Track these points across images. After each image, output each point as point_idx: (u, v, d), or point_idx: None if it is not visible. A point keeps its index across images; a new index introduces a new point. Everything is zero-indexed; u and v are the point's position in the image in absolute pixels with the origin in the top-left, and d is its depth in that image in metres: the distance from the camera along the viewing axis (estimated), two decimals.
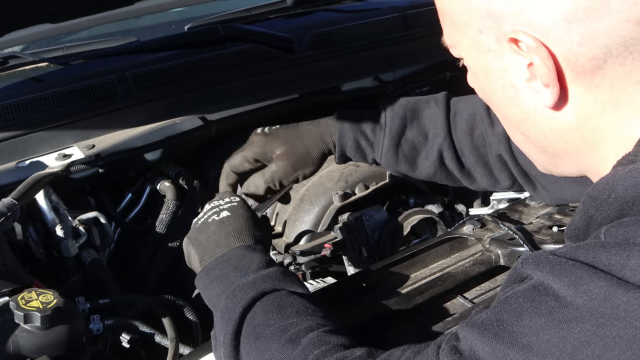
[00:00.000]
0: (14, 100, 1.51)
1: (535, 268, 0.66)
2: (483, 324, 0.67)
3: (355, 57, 1.91)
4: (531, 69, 0.72)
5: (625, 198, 0.66)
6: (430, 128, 1.21)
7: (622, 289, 0.58)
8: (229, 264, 1.02)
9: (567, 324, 0.60)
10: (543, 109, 0.73)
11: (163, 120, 1.55)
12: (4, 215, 1.22)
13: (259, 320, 0.92)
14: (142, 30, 2.35)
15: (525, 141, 0.82)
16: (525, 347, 0.62)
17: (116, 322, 1.27)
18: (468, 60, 0.82)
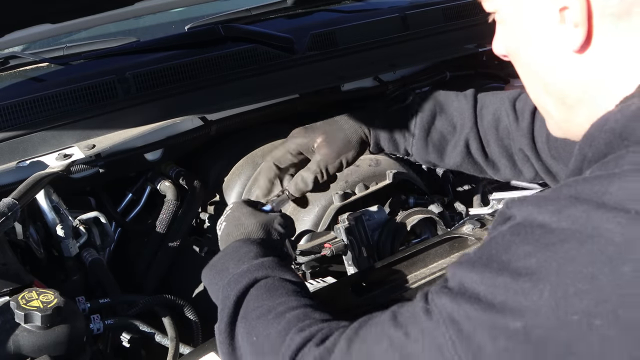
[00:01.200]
0: (14, 100, 1.51)
1: (520, 206, 0.69)
2: (470, 260, 0.70)
3: (355, 57, 1.92)
4: (564, 13, 0.76)
5: (614, 130, 0.70)
6: (458, 119, 1.26)
7: (603, 210, 0.62)
8: (228, 257, 1.07)
9: (553, 246, 0.64)
10: (569, 53, 0.78)
11: (163, 120, 1.55)
12: (4, 215, 1.22)
13: (251, 305, 0.96)
14: (142, 30, 2.36)
15: (545, 93, 0.86)
16: (514, 271, 0.65)
17: (116, 322, 1.27)
18: (503, 12, 0.86)
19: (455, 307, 0.68)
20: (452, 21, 2.08)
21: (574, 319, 0.61)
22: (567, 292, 0.62)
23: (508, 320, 0.64)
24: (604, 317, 0.60)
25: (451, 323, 0.68)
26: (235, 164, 1.70)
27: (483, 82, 2.10)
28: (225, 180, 1.69)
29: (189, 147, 1.74)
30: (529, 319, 0.63)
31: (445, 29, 2.06)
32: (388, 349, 0.73)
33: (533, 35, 0.82)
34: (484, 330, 0.66)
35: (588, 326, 0.61)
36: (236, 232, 1.13)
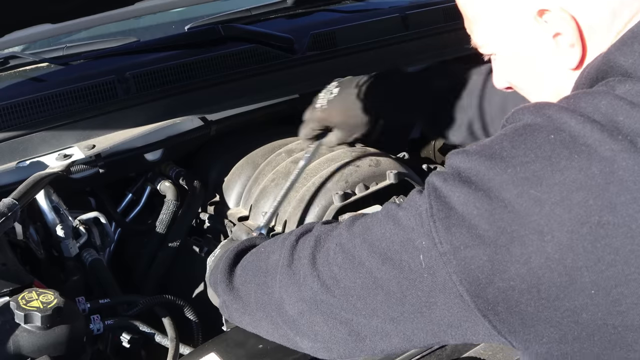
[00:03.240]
0: (14, 100, 1.51)
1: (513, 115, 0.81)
2: (462, 150, 0.81)
3: (355, 57, 1.92)
4: (557, 39, 0.85)
5: (591, 74, 0.81)
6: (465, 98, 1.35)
7: (570, 113, 0.75)
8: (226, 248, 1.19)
9: (525, 135, 0.76)
10: (568, 72, 0.87)
11: (163, 120, 1.56)
12: (4, 216, 1.22)
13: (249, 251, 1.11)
14: (142, 30, 2.36)
15: None
16: (490, 154, 0.77)
17: (116, 322, 1.27)
18: (499, 51, 0.94)
19: (440, 182, 0.79)
20: (452, 21, 2.08)
21: (530, 193, 0.72)
22: (527, 170, 0.73)
23: (477, 190, 0.75)
24: (552, 195, 0.71)
25: (434, 192, 0.79)
26: (235, 164, 1.70)
27: None
28: (225, 180, 1.69)
29: (189, 147, 1.74)
30: (493, 191, 0.74)
31: (445, 29, 2.06)
32: (382, 216, 0.86)
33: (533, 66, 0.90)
34: (456, 197, 0.76)
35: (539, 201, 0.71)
36: None
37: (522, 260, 0.72)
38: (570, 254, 0.70)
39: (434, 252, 0.77)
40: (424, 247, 0.78)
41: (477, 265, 0.74)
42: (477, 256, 0.74)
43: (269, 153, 1.68)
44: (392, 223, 0.82)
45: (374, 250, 0.83)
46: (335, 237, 0.91)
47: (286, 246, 0.98)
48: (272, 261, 1.00)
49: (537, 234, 0.71)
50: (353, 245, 0.86)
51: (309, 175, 1.53)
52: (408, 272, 0.79)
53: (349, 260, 0.86)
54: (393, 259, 0.81)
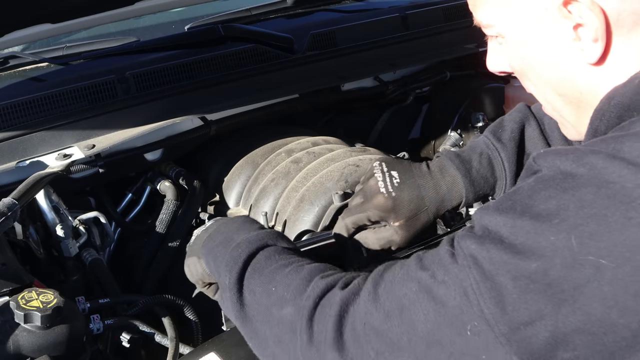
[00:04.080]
0: (14, 100, 1.51)
1: (545, 158, 0.74)
2: (495, 206, 0.74)
3: (355, 57, 1.92)
4: (578, 30, 0.80)
5: (622, 103, 0.76)
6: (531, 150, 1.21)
7: (618, 161, 0.67)
8: (230, 230, 1.05)
9: (572, 190, 0.68)
10: (584, 66, 0.82)
11: (163, 120, 1.55)
12: (4, 215, 1.22)
13: (262, 264, 0.96)
14: (142, 30, 2.36)
15: (561, 102, 0.89)
16: (535, 214, 0.69)
17: (116, 322, 1.27)
18: (509, 34, 0.88)
19: (479, 249, 0.71)
20: (452, 21, 2.08)
21: (588, 259, 0.65)
22: (583, 233, 0.66)
23: (528, 261, 0.68)
24: (614, 258, 0.64)
25: (475, 265, 0.71)
26: (235, 164, 1.70)
27: (483, 82, 2.10)
28: (225, 180, 1.69)
29: (189, 147, 1.74)
30: (547, 259, 0.67)
31: (445, 29, 2.06)
32: (416, 291, 0.75)
33: (546, 55, 0.85)
34: (505, 270, 0.69)
35: (599, 267, 0.64)
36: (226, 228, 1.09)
37: (586, 329, 0.66)
38: (637, 317, 0.65)
39: (490, 334, 0.69)
40: (477, 329, 0.70)
41: (539, 343, 0.68)
42: (538, 333, 0.68)
43: (269, 153, 1.68)
44: (434, 303, 0.73)
45: (416, 334, 0.74)
46: (363, 314, 0.80)
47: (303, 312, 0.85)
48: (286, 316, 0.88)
49: (600, 301, 0.65)
50: (389, 327, 0.77)
51: (309, 175, 1.53)
52: (460, 356, 0.72)
53: (387, 345, 0.77)
54: (442, 342, 0.73)
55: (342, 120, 2.08)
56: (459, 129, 2.03)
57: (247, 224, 1.06)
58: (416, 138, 2.21)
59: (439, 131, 2.08)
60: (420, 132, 2.22)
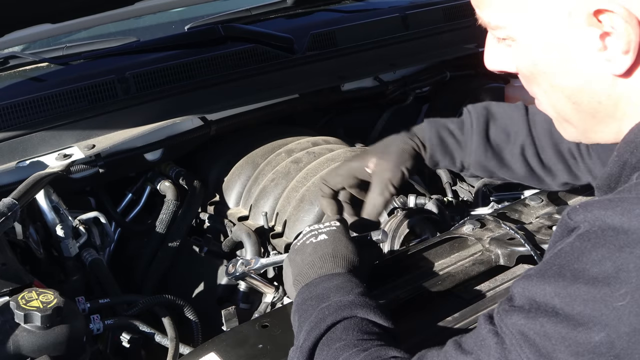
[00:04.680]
0: (14, 100, 1.51)
1: (585, 212, 0.67)
2: (539, 273, 0.67)
3: (355, 57, 1.92)
4: (606, 40, 0.74)
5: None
6: (511, 127, 1.23)
7: None
8: (332, 284, 1.00)
9: (628, 247, 0.62)
10: (607, 76, 0.76)
11: (163, 120, 1.55)
12: (4, 215, 1.22)
13: (337, 335, 0.91)
14: (142, 30, 2.36)
15: (572, 109, 0.84)
16: (590, 278, 0.62)
17: (116, 322, 1.27)
18: (521, 38, 0.83)
19: (530, 325, 0.65)
20: (452, 21, 2.08)
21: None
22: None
23: (590, 332, 0.62)
24: None
25: (526, 342, 0.65)
26: (235, 164, 1.70)
27: (483, 82, 2.10)
28: (225, 180, 1.69)
29: (189, 147, 1.74)
30: (612, 328, 0.61)
31: (445, 29, 2.06)
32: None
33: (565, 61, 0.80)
34: (564, 346, 0.63)
35: None
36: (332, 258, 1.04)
37: None
38: None
39: None
40: None
41: None
42: None
43: (269, 153, 1.68)
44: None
45: None
46: None
47: None
48: None
49: None
50: None
51: (309, 175, 1.53)
52: None
53: None
54: None
55: (342, 120, 2.08)
56: None
57: (348, 284, 1.00)
58: None
59: None
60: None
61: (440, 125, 1.24)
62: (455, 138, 1.23)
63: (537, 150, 1.22)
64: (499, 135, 1.24)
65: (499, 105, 1.27)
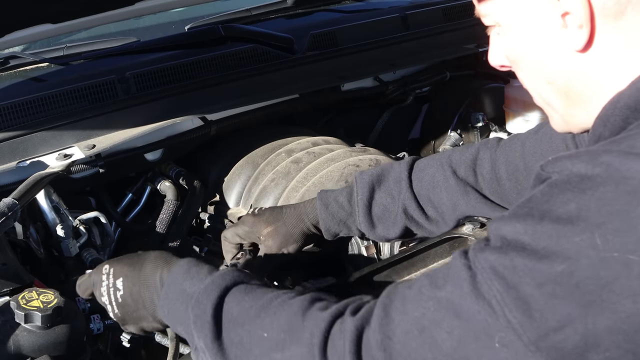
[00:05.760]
0: (14, 100, 1.51)
1: (554, 164, 0.74)
2: (512, 214, 0.73)
3: (355, 57, 1.92)
4: (566, 18, 0.81)
5: (628, 105, 0.75)
6: (394, 188, 1.28)
7: (634, 157, 0.68)
8: (179, 281, 0.98)
9: (590, 190, 0.68)
10: (572, 53, 0.83)
11: (163, 120, 1.56)
12: (4, 215, 1.22)
13: (235, 312, 0.90)
14: (142, 30, 2.36)
15: (551, 91, 0.90)
16: (555, 217, 0.69)
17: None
18: (504, 23, 0.91)
19: (500, 260, 0.71)
20: (452, 21, 2.08)
21: (613, 256, 0.65)
22: (607, 231, 0.66)
23: (553, 264, 0.67)
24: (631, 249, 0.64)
25: (496, 276, 0.70)
26: (235, 164, 1.70)
27: (483, 82, 2.10)
28: (225, 180, 1.69)
29: (189, 147, 1.74)
30: (572, 260, 0.66)
31: (445, 29, 2.06)
32: (435, 310, 0.74)
33: (537, 42, 0.87)
34: (529, 277, 0.68)
35: (627, 263, 0.64)
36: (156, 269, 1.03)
37: (616, 329, 0.66)
38: None
39: (519, 344, 0.69)
40: (505, 340, 0.69)
41: (569, 347, 0.67)
42: (568, 338, 0.67)
43: (269, 153, 1.68)
44: (457, 320, 0.72)
45: (441, 353, 0.73)
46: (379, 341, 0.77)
47: (313, 349, 0.81)
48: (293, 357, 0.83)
49: (629, 297, 0.65)
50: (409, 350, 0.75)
51: (309, 175, 1.54)
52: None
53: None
54: (469, 358, 0.71)
55: (342, 120, 2.08)
56: (459, 129, 2.03)
57: (193, 270, 0.98)
58: (416, 138, 2.22)
59: (439, 131, 2.08)
60: (420, 132, 2.22)
61: (331, 198, 1.29)
62: (344, 210, 1.28)
63: (420, 205, 1.25)
64: (385, 199, 1.27)
65: (384, 167, 1.31)
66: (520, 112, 1.93)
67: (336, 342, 0.80)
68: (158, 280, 1.01)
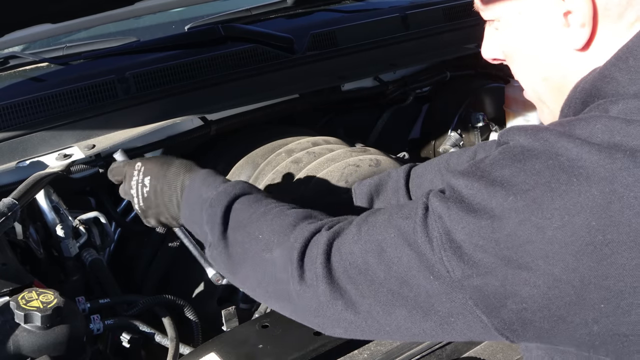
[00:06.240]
0: (14, 100, 1.51)
1: (509, 133, 0.82)
2: (464, 170, 0.83)
3: (355, 57, 1.92)
4: (568, 17, 0.86)
5: (586, 89, 0.83)
6: (393, 197, 1.32)
7: (567, 137, 0.75)
8: (197, 187, 1.11)
9: (524, 160, 0.77)
10: (571, 51, 0.88)
11: (163, 120, 1.55)
12: (4, 215, 1.22)
13: (242, 215, 1.03)
14: (142, 30, 2.36)
15: (544, 86, 0.94)
16: (491, 180, 0.78)
17: (116, 322, 1.27)
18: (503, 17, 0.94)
19: (443, 207, 0.80)
20: (452, 21, 2.08)
21: (531, 219, 0.73)
22: (528, 198, 0.74)
23: (480, 220, 0.77)
24: (554, 220, 0.72)
25: (440, 220, 0.80)
26: (236, 164, 1.70)
27: (483, 82, 2.10)
28: None
29: (189, 147, 1.74)
30: (495, 219, 0.75)
31: (445, 29, 2.06)
32: (394, 236, 0.84)
33: (536, 38, 0.91)
34: (461, 227, 0.78)
35: (541, 227, 0.73)
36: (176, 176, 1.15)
37: (531, 283, 0.74)
38: (577, 274, 0.72)
39: (448, 279, 0.79)
40: (438, 274, 0.79)
41: (489, 291, 0.76)
42: (488, 283, 0.76)
43: (269, 153, 1.68)
44: (408, 249, 0.83)
45: (390, 273, 0.84)
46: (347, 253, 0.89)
47: (293, 253, 0.93)
48: (277, 258, 0.95)
49: (543, 259, 0.73)
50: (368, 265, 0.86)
51: (309, 175, 1.53)
52: (426, 297, 0.81)
53: (366, 279, 0.86)
54: (411, 283, 0.82)
55: (342, 120, 2.08)
56: (459, 129, 2.03)
57: (210, 179, 1.11)
58: (416, 138, 2.22)
59: (439, 131, 2.08)
60: (420, 132, 2.22)
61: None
62: None
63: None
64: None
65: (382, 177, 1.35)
66: (520, 112, 1.93)
67: (312, 249, 0.91)
68: (179, 183, 1.14)
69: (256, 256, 0.97)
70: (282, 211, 1.01)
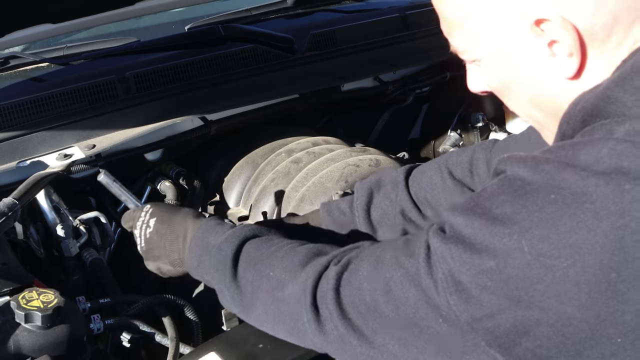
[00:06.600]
0: (14, 100, 1.51)
1: (507, 163, 0.79)
2: (461, 206, 0.80)
3: (355, 57, 1.92)
4: (553, 47, 0.82)
5: (586, 108, 0.79)
6: (392, 191, 1.31)
7: (571, 169, 0.71)
8: (204, 237, 1.10)
9: (525, 195, 0.73)
10: (562, 80, 0.84)
11: (163, 120, 1.56)
12: (4, 215, 1.22)
13: (252, 255, 1.03)
14: (142, 30, 2.36)
15: (542, 115, 0.91)
16: (492, 217, 0.74)
17: (117, 322, 1.27)
18: (485, 57, 0.90)
19: (444, 248, 0.77)
20: None
21: (539, 260, 0.70)
22: (533, 237, 0.71)
23: (484, 260, 0.73)
24: (564, 259, 0.69)
25: (443, 261, 0.77)
26: (235, 164, 1.70)
27: None
28: (225, 180, 1.69)
29: (189, 147, 1.74)
30: (500, 258, 0.72)
31: None
32: (401, 276, 0.82)
33: (524, 72, 0.87)
34: (466, 269, 0.75)
35: (550, 268, 0.70)
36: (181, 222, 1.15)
37: (544, 322, 0.71)
38: (592, 311, 0.69)
39: (457, 322, 0.76)
40: (447, 316, 0.77)
41: (501, 332, 0.74)
42: (499, 324, 0.73)
43: (269, 153, 1.69)
44: (415, 290, 0.80)
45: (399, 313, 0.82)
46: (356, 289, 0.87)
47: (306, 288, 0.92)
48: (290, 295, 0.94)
49: (554, 298, 0.70)
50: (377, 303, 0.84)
51: (309, 175, 1.54)
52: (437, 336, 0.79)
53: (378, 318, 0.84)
54: (420, 325, 0.80)
55: (342, 120, 2.08)
56: (459, 129, 2.03)
57: (218, 227, 1.11)
58: (416, 138, 2.22)
59: (439, 131, 2.08)
60: (420, 132, 2.22)
61: (333, 206, 1.33)
62: (346, 216, 1.32)
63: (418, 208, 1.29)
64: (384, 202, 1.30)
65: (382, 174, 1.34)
66: None
67: (323, 285, 0.91)
68: (183, 229, 1.15)
69: (268, 295, 0.97)
70: (293, 248, 1.00)
